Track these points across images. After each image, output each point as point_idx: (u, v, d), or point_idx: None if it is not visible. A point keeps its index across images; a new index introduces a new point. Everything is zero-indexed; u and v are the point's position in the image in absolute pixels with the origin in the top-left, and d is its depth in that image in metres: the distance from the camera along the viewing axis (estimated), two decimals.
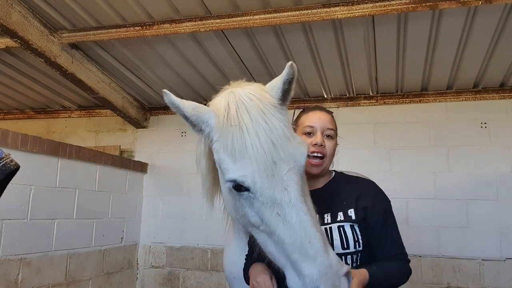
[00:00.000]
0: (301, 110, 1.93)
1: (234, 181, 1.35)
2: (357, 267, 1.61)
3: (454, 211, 4.31)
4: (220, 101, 1.48)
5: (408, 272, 1.68)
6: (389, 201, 1.79)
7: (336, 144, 1.82)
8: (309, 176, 1.74)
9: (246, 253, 1.89)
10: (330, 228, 1.65)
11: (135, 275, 5.07)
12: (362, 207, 1.68)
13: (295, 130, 1.79)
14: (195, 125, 1.46)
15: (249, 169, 1.32)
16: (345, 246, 1.61)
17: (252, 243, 1.67)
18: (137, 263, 5.11)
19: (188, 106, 1.45)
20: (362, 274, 1.48)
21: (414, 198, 4.40)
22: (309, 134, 1.76)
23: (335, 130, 1.82)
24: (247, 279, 1.76)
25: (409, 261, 1.71)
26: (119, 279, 4.67)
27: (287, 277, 1.32)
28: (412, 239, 4.23)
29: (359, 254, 1.63)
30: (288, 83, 1.46)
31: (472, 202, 4.29)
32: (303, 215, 1.29)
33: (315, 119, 1.79)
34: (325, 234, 1.35)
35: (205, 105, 1.55)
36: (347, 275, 1.28)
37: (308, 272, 1.24)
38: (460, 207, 4.30)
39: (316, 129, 1.76)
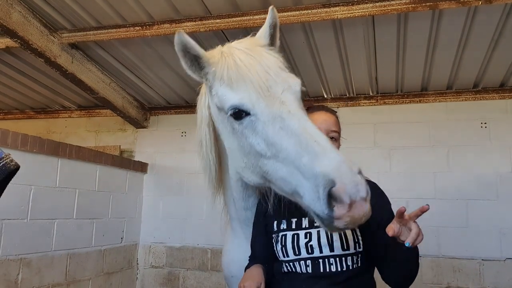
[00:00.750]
0: (305, 109, 1.92)
1: (234, 107, 1.42)
2: (358, 269, 1.60)
3: (454, 211, 4.31)
4: (213, 50, 1.61)
5: None
6: (390, 203, 1.78)
7: (339, 145, 1.81)
8: None
9: (244, 250, 1.87)
10: None
11: (135, 275, 5.07)
12: None
13: None
14: (203, 68, 1.54)
15: (246, 92, 1.40)
16: (345, 247, 1.59)
17: (266, 197, 1.67)
18: (137, 263, 5.10)
19: (199, 47, 1.53)
20: None
21: (414, 198, 4.39)
22: None
23: (339, 132, 1.82)
24: None
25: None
26: (119, 279, 4.67)
27: (302, 194, 1.25)
28: None
29: (360, 255, 1.61)
30: (273, 27, 1.66)
31: (472, 202, 4.29)
32: (304, 121, 1.34)
33: (320, 120, 1.78)
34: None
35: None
36: (360, 172, 1.21)
37: (320, 168, 1.18)
38: (460, 207, 4.30)
39: (321, 130, 1.76)
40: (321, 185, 1.17)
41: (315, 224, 1.65)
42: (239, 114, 1.41)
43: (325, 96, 4.85)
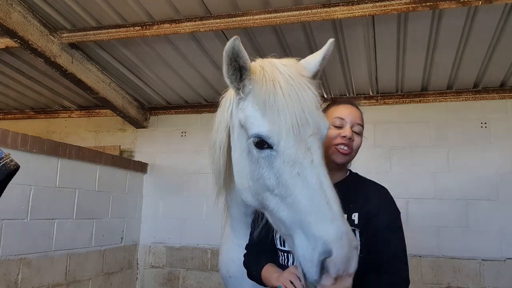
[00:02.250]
0: (330, 102, 1.89)
1: (259, 136, 1.36)
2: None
3: (454, 211, 4.30)
4: (255, 64, 1.52)
5: None
6: (398, 212, 1.70)
7: (361, 141, 1.78)
8: (331, 165, 1.71)
9: (244, 250, 1.86)
10: None
11: (135, 275, 5.06)
12: (366, 211, 1.62)
13: None
14: (243, 80, 1.47)
15: (277, 125, 1.35)
16: None
17: (256, 219, 1.66)
18: (137, 263, 5.10)
19: (249, 60, 1.47)
20: None
21: (414, 198, 4.40)
22: (338, 126, 1.73)
23: (363, 127, 1.79)
24: (253, 275, 1.73)
25: (405, 280, 1.56)
26: (119, 279, 4.67)
27: (296, 244, 1.26)
28: (412, 239, 4.20)
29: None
30: (326, 59, 1.62)
31: (472, 202, 4.29)
32: (323, 177, 1.30)
33: (346, 112, 1.76)
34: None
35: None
36: (357, 248, 1.23)
37: (324, 233, 1.18)
38: (460, 207, 4.30)
39: (346, 122, 1.73)
40: (318, 250, 1.17)
41: None
42: (261, 143, 1.36)
43: (325, 96, 4.84)
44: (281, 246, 1.68)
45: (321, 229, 1.19)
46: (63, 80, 4.40)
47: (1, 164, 1.48)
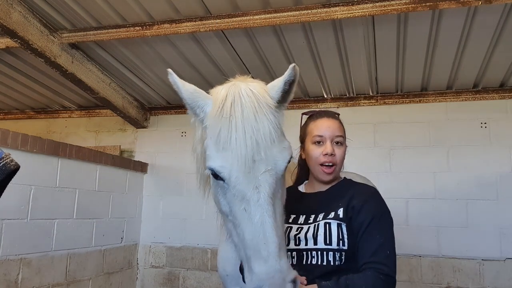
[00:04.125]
0: (308, 116, 1.93)
1: (212, 170, 1.41)
2: (340, 266, 1.61)
3: (454, 211, 4.31)
4: (220, 91, 1.52)
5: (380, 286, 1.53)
6: (386, 210, 1.71)
7: (345, 149, 1.83)
8: (320, 182, 1.82)
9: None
10: (318, 224, 1.68)
11: (135, 275, 5.07)
12: (351, 206, 1.68)
13: (303, 138, 1.86)
14: (191, 108, 1.53)
15: (229, 162, 1.38)
16: (328, 242, 1.63)
17: None
18: (137, 263, 5.11)
19: (188, 89, 1.50)
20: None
21: (414, 198, 4.40)
22: (318, 143, 1.79)
23: (343, 136, 1.84)
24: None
25: (389, 276, 1.54)
26: (119, 279, 4.67)
27: (245, 267, 1.40)
28: (412, 239, 4.24)
29: (343, 252, 1.62)
30: (289, 84, 1.49)
31: (472, 202, 4.29)
32: (267, 216, 1.34)
33: (324, 128, 1.80)
34: (284, 239, 1.41)
35: (207, 91, 1.58)
36: (294, 281, 1.32)
37: (257, 270, 1.30)
38: (460, 207, 4.30)
39: (325, 138, 1.78)
40: (253, 284, 1.31)
41: (309, 222, 1.72)
42: (215, 175, 1.42)
43: (325, 96, 4.85)
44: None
45: (256, 266, 1.31)
46: (63, 80, 4.40)
47: (1, 164, 1.48)
